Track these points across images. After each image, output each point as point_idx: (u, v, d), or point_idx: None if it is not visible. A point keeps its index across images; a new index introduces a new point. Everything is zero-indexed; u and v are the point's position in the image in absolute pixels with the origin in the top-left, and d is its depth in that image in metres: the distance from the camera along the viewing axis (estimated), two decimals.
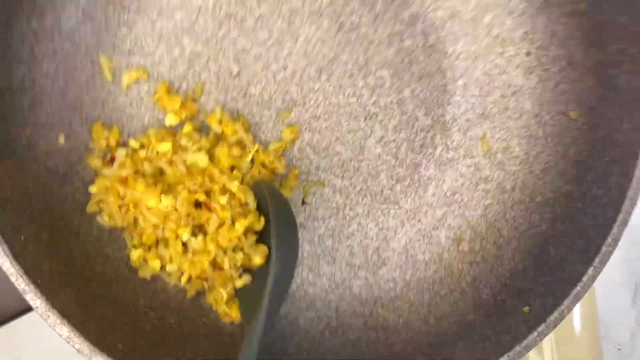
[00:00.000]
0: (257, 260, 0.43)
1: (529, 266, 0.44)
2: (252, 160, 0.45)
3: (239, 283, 0.43)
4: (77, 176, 0.43)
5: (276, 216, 0.41)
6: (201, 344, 0.43)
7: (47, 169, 0.41)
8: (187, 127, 0.44)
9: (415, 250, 0.48)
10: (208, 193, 0.43)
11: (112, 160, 0.43)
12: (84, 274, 0.40)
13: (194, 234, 0.43)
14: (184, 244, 0.44)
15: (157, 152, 0.43)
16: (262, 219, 0.43)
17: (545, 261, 0.43)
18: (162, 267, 0.43)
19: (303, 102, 0.47)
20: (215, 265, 0.44)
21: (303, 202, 0.48)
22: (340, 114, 0.48)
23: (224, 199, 0.42)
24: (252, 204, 0.44)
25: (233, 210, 0.43)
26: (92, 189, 0.42)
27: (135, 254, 0.43)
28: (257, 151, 0.46)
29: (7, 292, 0.34)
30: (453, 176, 0.49)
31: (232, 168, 0.44)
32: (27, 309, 0.33)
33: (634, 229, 0.39)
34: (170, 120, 0.45)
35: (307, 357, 0.44)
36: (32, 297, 0.34)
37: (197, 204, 0.44)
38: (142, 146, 0.44)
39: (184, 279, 0.43)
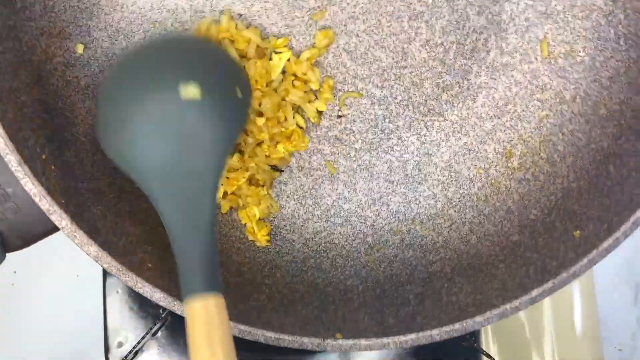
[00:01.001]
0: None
1: (584, 186, 0.40)
2: (284, 72, 0.42)
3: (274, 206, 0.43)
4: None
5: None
6: (234, 259, 0.42)
7: (66, 82, 0.39)
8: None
9: (459, 166, 0.45)
10: None
11: None
12: (113, 190, 0.39)
13: None
14: None
15: None
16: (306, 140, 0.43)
17: (603, 182, 0.39)
18: None
19: (339, 0, 0.42)
20: (251, 182, 0.42)
21: (339, 115, 0.44)
22: (381, 13, 0.43)
23: (261, 121, 0.40)
24: (291, 121, 0.42)
25: (270, 130, 0.40)
26: None
27: None
28: (288, 60, 0.42)
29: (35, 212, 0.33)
30: (507, 84, 0.44)
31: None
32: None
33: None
34: None
35: (341, 274, 0.43)
36: (57, 218, 0.33)
37: None
38: None
39: (217, 195, 0.42)
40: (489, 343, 0.54)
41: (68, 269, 0.55)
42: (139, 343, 0.48)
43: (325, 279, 0.43)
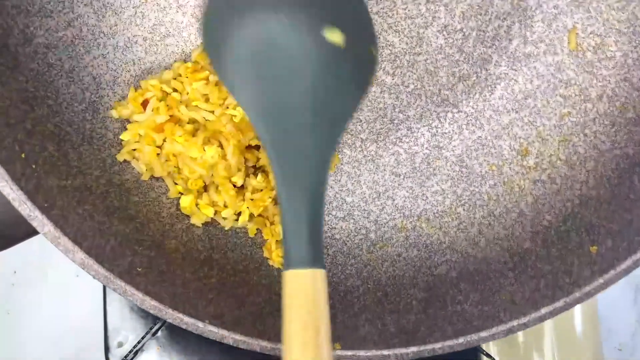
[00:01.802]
0: None
1: (604, 196, 0.38)
2: None
3: None
4: (86, 71, 0.37)
5: None
6: (229, 256, 0.40)
7: (48, 65, 0.35)
8: None
9: (471, 161, 0.42)
10: None
11: (145, 104, 0.37)
12: (100, 185, 0.36)
13: (252, 174, 0.39)
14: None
15: (191, 89, 0.37)
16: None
17: (626, 193, 0.37)
18: (216, 213, 0.39)
19: None
20: (277, 201, 0.39)
21: None
22: None
23: None
24: None
25: None
26: (125, 136, 0.37)
27: (186, 200, 0.38)
28: None
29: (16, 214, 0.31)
30: (528, 76, 0.41)
31: None
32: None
33: None
34: None
35: (342, 273, 0.41)
36: (39, 224, 0.31)
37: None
38: (174, 90, 0.37)
39: (242, 218, 0.39)
40: (489, 343, 0.53)
41: (68, 269, 0.54)
42: (139, 343, 0.48)
43: None
